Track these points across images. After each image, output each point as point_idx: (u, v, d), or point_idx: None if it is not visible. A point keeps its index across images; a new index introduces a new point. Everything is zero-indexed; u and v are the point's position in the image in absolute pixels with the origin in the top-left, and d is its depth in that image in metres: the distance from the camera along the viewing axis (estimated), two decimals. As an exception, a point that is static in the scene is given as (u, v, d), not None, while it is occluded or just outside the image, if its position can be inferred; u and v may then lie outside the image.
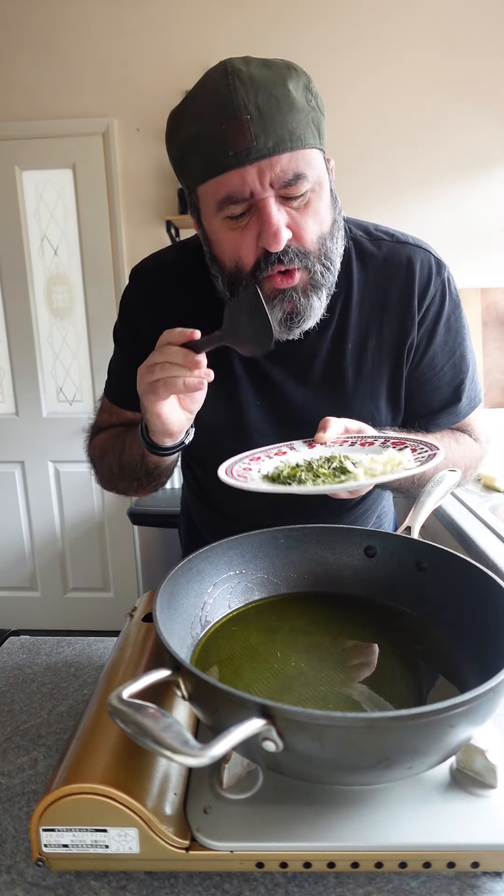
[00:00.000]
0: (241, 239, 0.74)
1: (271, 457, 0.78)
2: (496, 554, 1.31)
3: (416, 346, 0.89)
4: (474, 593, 0.60)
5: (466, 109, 2.33)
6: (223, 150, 0.69)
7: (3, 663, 0.86)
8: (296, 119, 0.70)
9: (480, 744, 0.52)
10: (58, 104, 2.44)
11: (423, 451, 0.70)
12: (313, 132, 0.72)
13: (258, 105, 0.68)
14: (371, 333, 0.88)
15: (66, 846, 0.49)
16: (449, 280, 0.91)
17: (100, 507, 2.80)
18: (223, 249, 0.77)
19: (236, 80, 0.68)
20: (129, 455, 0.89)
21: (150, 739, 0.39)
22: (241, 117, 0.67)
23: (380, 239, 0.90)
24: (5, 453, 2.76)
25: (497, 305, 2.44)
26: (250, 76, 0.69)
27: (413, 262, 0.88)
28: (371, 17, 2.28)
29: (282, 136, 0.69)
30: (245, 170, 0.69)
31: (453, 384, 0.94)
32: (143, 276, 0.94)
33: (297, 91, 0.70)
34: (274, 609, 0.70)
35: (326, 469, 0.68)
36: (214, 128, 0.69)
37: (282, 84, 0.69)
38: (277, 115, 0.68)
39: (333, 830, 0.49)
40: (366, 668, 0.61)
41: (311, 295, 0.78)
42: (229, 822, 0.49)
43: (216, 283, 0.82)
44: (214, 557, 0.69)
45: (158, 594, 0.57)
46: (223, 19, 2.29)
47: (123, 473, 0.93)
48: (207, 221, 0.77)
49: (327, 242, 0.77)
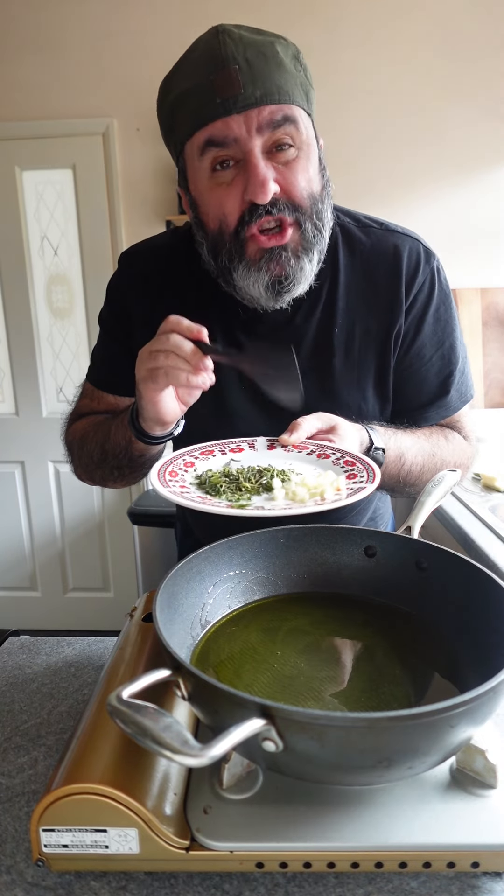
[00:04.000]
0: (227, 195, 0.73)
1: (225, 452, 0.77)
2: (496, 554, 1.31)
3: (404, 334, 0.88)
4: (474, 593, 0.60)
5: (466, 109, 2.33)
6: (210, 98, 0.69)
7: (3, 663, 0.86)
8: (283, 77, 0.70)
9: (480, 744, 0.52)
10: (58, 104, 2.44)
11: (360, 479, 0.68)
12: (301, 94, 0.72)
13: (247, 58, 0.69)
14: (358, 319, 0.87)
15: (65, 846, 0.49)
16: (438, 269, 0.90)
17: (100, 507, 2.80)
18: (209, 209, 0.76)
19: (226, 37, 0.70)
20: (113, 441, 0.87)
21: (150, 739, 0.39)
22: (230, 66, 0.68)
23: (368, 226, 0.90)
24: (5, 453, 2.76)
25: (497, 305, 2.44)
26: (240, 36, 0.70)
27: (401, 249, 0.87)
28: (371, 18, 2.28)
29: (269, 89, 0.69)
30: (232, 118, 0.69)
31: (442, 375, 0.92)
32: (132, 261, 0.94)
33: (286, 56, 0.71)
34: (274, 609, 0.70)
35: (253, 483, 0.67)
36: (204, 79, 0.69)
37: (270, 45, 0.70)
38: (265, 68, 0.69)
39: (333, 830, 0.49)
40: (366, 668, 0.61)
41: (301, 256, 0.76)
42: (229, 822, 0.49)
43: (202, 253, 0.81)
44: (214, 557, 0.69)
45: (158, 594, 0.57)
46: (224, 19, 2.29)
47: (105, 461, 0.90)
48: (194, 182, 0.77)
49: (318, 203, 0.76)
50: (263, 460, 0.74)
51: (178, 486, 0.66)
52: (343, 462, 0.72)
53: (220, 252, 0.77)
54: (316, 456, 0.75)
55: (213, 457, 0.76)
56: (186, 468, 0.72)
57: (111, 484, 0.97)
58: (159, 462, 0.71)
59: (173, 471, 0.70)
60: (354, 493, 0.63)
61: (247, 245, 0.75)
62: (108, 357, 0.97)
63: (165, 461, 0.72)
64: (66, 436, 1.00)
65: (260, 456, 0.76)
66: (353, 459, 0.73)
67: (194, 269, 0.87)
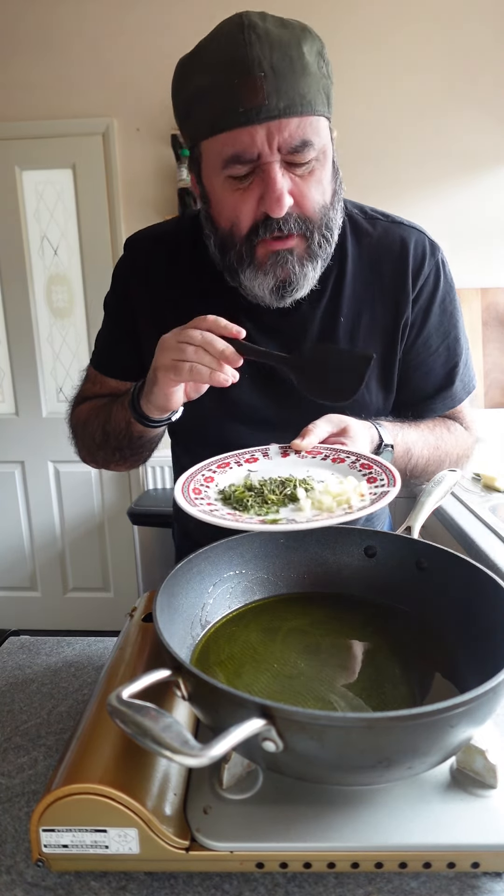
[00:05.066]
0: (243, 201, 0.74)
1: (241, 463, 0.77)
2: (496, 554, 1.31)
3: (411, 325, 0.89)
4: (474, 593, 0.60)
5: (467, 109, 2.33)
6: (234, 105, 0.68)
7: (3, 663, 0.86)
8: (307, 83, 0.69)
9: (480, 744, 0.52)
10: (58, 104, 2.44)
11: (381, 483, 0.67)
12: (323, 99, 0.72)
13: (272, 63, 0.67)
14: (364, 310, 0.88)
15: (65, 846, 0.49)
16: (443, 262, 0.91)
17: (100, 507, 2.80)
18: (222, 209, 0.76)
19: (252, 35, 0.67)
20: (114, 423, 0.88)
21: (150, 739, 0.39)
22: (255, 74, 0.67)
23: (375, 218, 0.91)
24: (5, 453, 2.76)
25: (497, 305, 2.44)
26: (266, 32, 0.68)
27: (407, 241, 0.88)
28: (372, 19, 2.28)
29: (293, 99, 0.68)
30: (254, 129, 0.68)
31: (448, 366, 0.93)
32: (137, 247, 0.94)
33: (311, 55, 0.70)
34: (274, 609, 0.70)
35: (277, 496, 0.67)
36: (226, 81, 0.68)
37: (297, 45, 0.68)
38: (291, 76, 0.68)
39: (333, 830, 0.49)
40: (366, 668, 0.61)
41: (306, 263, 0.77)
42: (229, 822, 0.49)
43: (209, 245, 0.82)
44: (214, 557, 0.69)
45: (158, 594, 0.57)
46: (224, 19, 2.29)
47: (107, 442, 0.92)
48: (209, 179, 0.77)
49: (329, 212, 0.77)
50: (280, 469, 0.74)
51: (205, 504, 0.65)
52: (360, 465, 0.72)
53: (228, 251, 0.78)
54: (331, 460, 0.75)
55: (230, 469, 0.75)
56: (207, 483, 0.71)
57: (113, 466, 0.98)
58: (181, 480, 0.70)
59: (196, 488, 0.69)
60: (379, 499, 0.63)
61: (256, 249, 0.76)
62: (111, 342, 0.98)
63: (186, 478, 0.71)
64: (71, 419, 1.01)
65: (276, 465, 0.76)
66: (370, 462, 0.73)
67: (198, 256, 0.87)
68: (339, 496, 0.64)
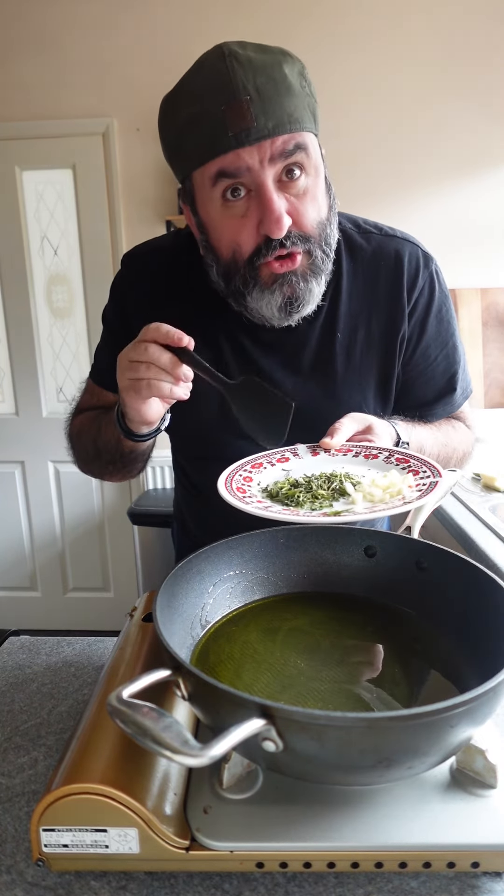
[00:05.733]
0: (242, 227, 0.74)
1: (273, 463, 0.77)
2: (496, 554, 1.31)
3: (409, 337, 0.90)
4: (474, 593, 0.60)
5: (466, 110, 2.33)
6: (222, 131, 0.68)
7: (3, 663, 0.86)
8: (293, 103, 0.70)
9: (480, 744, 0.52)
10: (58, 104, 2.44)
11: (426, 475, 0.68)
12: (309, 117, 0.73)
13: (257, 87, 0.68)
14: (360, 324, 0.88)
15: (66, 846, 0.49)
16: (437, 272, 0.92)
17: (100, 507, 2.80)
18: (220, 237, 0.77)
19: (234, 62, 0.68)
20: (104, 438, 0.89)
21: (150, 739, 0.39)
22: (241, 98, 0.67)
23: (369, 232, 0.91)
24: (5, 453, 2.76)
25: (497, 305, 2.44)
26: (248, 59, 0.69)
27: (402, 254, 0.89)
28: (371, 19, 2.28)
29: (281, 119, 0.69)
30: (244, 150, 0.69)
31: (447, 374, 0.95)
32: (136, 262, 0.94)
33: (293, 76, 0.71)
34: (274, 609, 0.70)
35: (326, 490, 0.67)
36: (213, 108, 0.68)
37: (279, 68, 0.69)
38: (276, 97, 0.69)
39: (333, 830, 0.49)
40: (366, 667, 0.61)
41: (310, 280, 0.78)
42: (229, 822, 0.49)
43: (210, 273, 0.82)
44: (214, 557, 0.69)
45: (158, 594, 0.57)
46: (224, 19, 2.29)
47: (99, 456, 0.92)
48: (204, 208, 0.77)
49: (327, 227, 0.78)
50: (315, 467, 0.74)
51: (255, 502, 0.65)
52: (395, 460, 0.73)
53: (232, 277, 0.78)
54: (363, 457, 0.75)
55: (265, 469, 0.75)
56: (247, 483, 0.71)
57: (108, 477, 0.99)
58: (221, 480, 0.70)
59: (240, 486, 0.69)
60: (431, 488, 0.64)
61: (260, 271, 0.77)
62: (109, 355, 0.98)
63: (226, 477, 0.71)
64: (68, 431, 1.02)
65: (308, 463, 0.76)
66: (405, 456, 0.73)
67: (196, 273, 0.87)
68: (389, 488, 0.65)
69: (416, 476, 0.69)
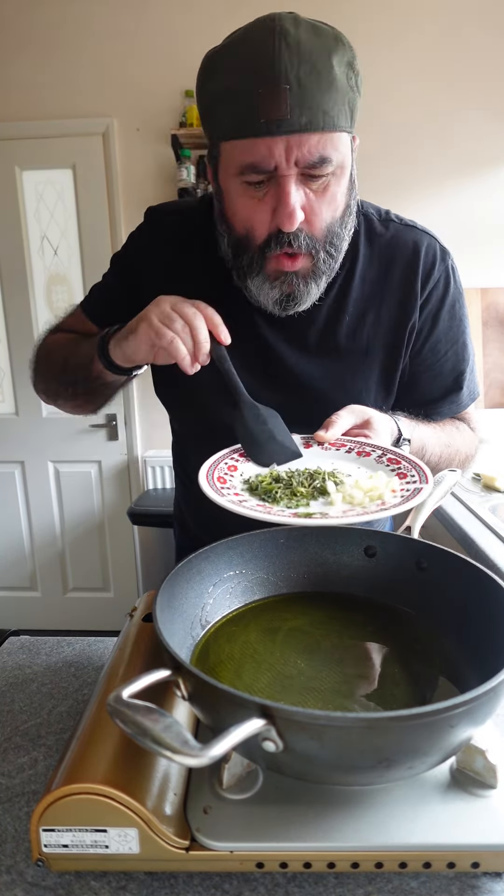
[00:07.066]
0: (257, 210, 0.74)
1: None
2: (496, 554, 1.31)
3: (419, 330, 0.90)
4: (474, 593, 0.60)
5: (468, 110, 2.33)
6: (255, 114, 0.68)
7: (3, 663, 0.86)
8: (332, 98, 0.69)
9: (480, 744, 0.52)
10: (58, 104, 2.44)
11: (413, 479, 0.67)
12: (346, 114, 0.72)
13: (299, 76, 0.66)
14: (370, 309, 0.88)
15: (66, 846, 0.49)
16: (453, 268, 0.91)
17: (100, 507, 2.80)
18: (235, 212, 0.77)
19: (282, 43, 0.66)
20: (79, 355, 0.89)
21: (150, 739, 0.39)
22: (280, 86, 0.66)
23: (389, 220, 0.91)
24: (5, 453, 2.76)
25: (497, 305, 2.44)
26: (297, 42, 0.66)
27: (419, 245, 0.89)
28: (375, 18, 2.28)
29: (315, 115, 0.68)
30: (273, 141, 0.68)
31: (455, 372, 0.94)
32: (157, 219, 0.95)
33: (340, 67, 0.69)
34: (274, 609, 0.70)
35: (306, 487, 0.67)
36: (250, 88, 0.67)
37: (326, 58, 0.68)
38: (316, 90, 0.67)
39: (333, 830, 0.49)
40: (366, 668, 0.61)
41: (310, 281, 0.79)
42: (229, 822, 0.49)
43: (220, 242, 0.83)
44: (214, 557, 0.69)
45: (158, 594, 0.57)
46: (224, 19, 2.28)
47: (64, 373, 0.92)
48: (225, 180, 0.77)
49: (336, 228, 0.78)
50: (303, 461, 0.74)
51: (232, 494, 0.65)
52: (387, 460, 0.72)
53: (240, 255, 0.79)
54: (356, 454, 0.75)
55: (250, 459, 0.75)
56: (231, 472, 0.70)
57: (62, 402, 0.98)
58: (205, 467, 0.70)
59: (221, 477, 0.68)
60: (413, 495, 0.62)
61: (267, 262, 0.77)
62: (107, 292, 1.00)
63: (209, 466, 0.70)
64: (39, 346, 1.01)
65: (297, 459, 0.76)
66: (397, 457, 0.72)
67: (214, 239, 0.87)
68: (371, 491, 0.64)
69: (404, 479, 0.67)
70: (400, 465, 0.71)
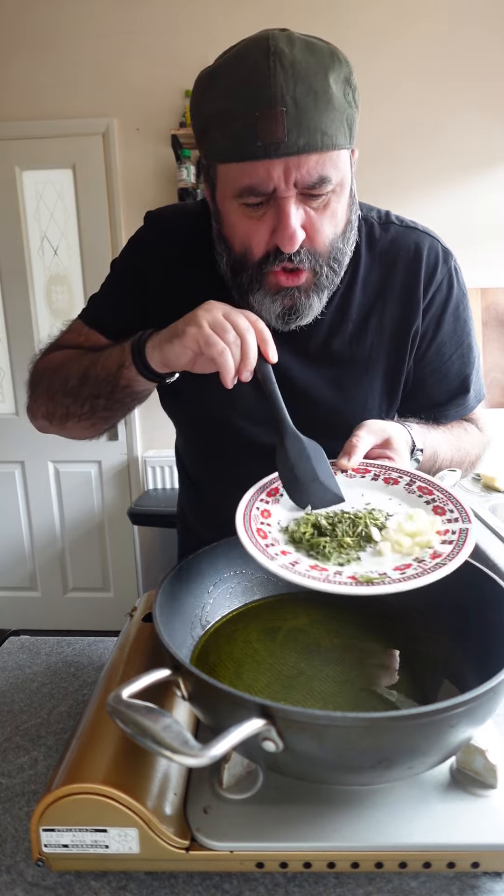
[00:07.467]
0: (255, 230, 0.74)
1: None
2: (496, 554, 1.31)
3: (423, 333, 0.89)
4: (474, 593, 0.60)
5: (467, 109, 2.33)
6: (251, 137, 0.67)
7: (3, 663, 0.86)
8: (330, 117, 0.68)
9: (480, 744, 0.52)
10: (57, 104, 2.44)
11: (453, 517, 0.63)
12: (345, 132, 0.71)
13: (295, 98, 0.65)
14: (373, 314, 0.88)
15: (66, 846, 0.49)
16: (456, 269, 0.90)
17: (100, 507, 2.80)
18: (234, 232, 0.77)
19: (277, 65, 0.65)
20: (102, 365, 0.84)
21: (150, 739, 0.39)
22: (276, 108, 0.65)
23: (389, 222, 0.90)
24: (5, 453, 2.76)
25: (497, 305, 2.44)
26: (293, 62, 0.66)
27: (421, 247, 0.88)
28: (373, 19, 2.28)
29: (313, 136, 0.67)
30: (271, 163, 0.68)
31: (461, 375, 0.93)
32: (157, 224, 0.94)
33: (337, 84, 0.68)
34: (274, 609, 0.70)
35: (351, 537, 0.63)
36: (246, 110, 0.66)
37: (323, 76, 0.67)
38: (314, 111, 0.66)
39: (333, 830, 0.49)
40: (366, 667, 0.61)
41: (312, 295, 0.78)
42: (229, 822, 0.49)
43: (219, 262, 0.82)
44: (214, 557, 0.69)
45: (158, 594, 0.57)
46: (223, 19, 2.29)
47: (82, 387, 0.86)
48: (222, 201, 0.76)
49: (338, 243, 0.77)
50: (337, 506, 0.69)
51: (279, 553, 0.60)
52: (417, 489, 0.69)
53: (239, 273, 0.78)
54: (383, 481, 0.71)
55: (282, 496, 0.70)
56: (265, 519, 0.66)
57: (71, 425, 0.91)
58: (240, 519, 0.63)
59: (260, 529, 0.63)
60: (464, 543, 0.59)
61: (267, 277, 0.76)
62: (110, 300, 0.97)
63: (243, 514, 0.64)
64: (37, 363, 0.96)
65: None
66: (428, 486, 0.69)
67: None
68: (417, 535, 0.61)
69: (443, 516, 0.64)
70: (433, 497, 0.68)
